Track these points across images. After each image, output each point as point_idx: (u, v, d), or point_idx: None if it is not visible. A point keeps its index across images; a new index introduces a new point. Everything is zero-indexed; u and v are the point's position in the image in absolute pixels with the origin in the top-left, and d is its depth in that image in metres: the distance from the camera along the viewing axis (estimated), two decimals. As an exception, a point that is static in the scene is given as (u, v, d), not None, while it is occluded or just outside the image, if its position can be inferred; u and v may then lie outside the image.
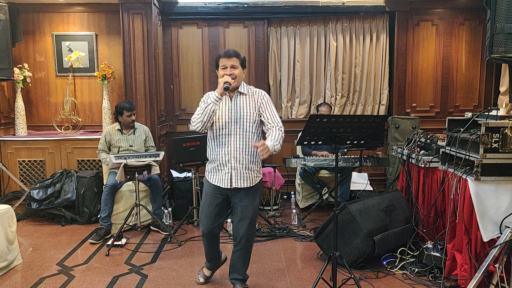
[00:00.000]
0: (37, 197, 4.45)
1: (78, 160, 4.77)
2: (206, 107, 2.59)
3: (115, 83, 5.11)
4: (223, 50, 2.74)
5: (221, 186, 2.71)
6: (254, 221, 2.79)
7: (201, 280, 3.09)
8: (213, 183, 2.74)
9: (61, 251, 3.73)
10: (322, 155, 4.47)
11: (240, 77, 2.69)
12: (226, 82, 2.57)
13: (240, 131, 2.66)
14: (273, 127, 2.67)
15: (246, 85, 2.79)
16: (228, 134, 2.67)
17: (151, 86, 4.66)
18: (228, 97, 2.71)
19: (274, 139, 2.58)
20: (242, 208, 2.73)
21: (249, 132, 2.67)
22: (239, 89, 2.72)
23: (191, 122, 2.68)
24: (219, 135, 2.69)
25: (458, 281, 2.87)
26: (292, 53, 5.35)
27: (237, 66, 2.68)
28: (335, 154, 2.73)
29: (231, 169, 2.67)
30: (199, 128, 2.63)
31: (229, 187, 2.69)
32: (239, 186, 2.69)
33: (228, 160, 2.67)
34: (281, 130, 2.66)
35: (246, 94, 2.73)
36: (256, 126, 2.70)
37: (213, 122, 2.68)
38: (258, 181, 2.78)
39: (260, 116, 2.72)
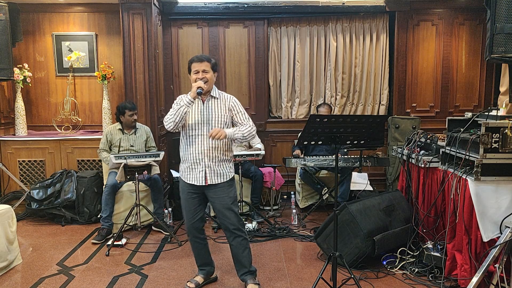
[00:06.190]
0: (37, 197, 4.45)
1: (78, 160, 4.78)
2: (179, 109, 2.72)
3: (115, 83, 5.11)
4: (195, 55, 2.87)
5: (196, 184, 2.82)
6: (235, 209, 2.87)
7: (191, 286, 2.97)
8: (188, 182, 2.85)
9: (61, 251, 3.74)
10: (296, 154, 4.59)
11: (211, 81, 2.83)
12: (199, 87, 2.71)
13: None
14: (245, 125, 2.86)
15: (218, 90, 2.93)
16: (200, 134, 2.80)
17: (151, 86, 4.66)
18: (201, 100, 2.85)
19: (239, 129, 2.81)
20: (220, 200, 2.84)
21: None
22: (211, 93, 2.86)
23: (164, 122, 2.81)
24: (191, 135, 2.82)
25: (458, 281, 2.87)
26: (292, 53, 5.34)
27: (208, 70, 2.81)
28: (335, 154, 2.74)
29: (205, 167, 2.80)
30: (171, 127, 2.76)
31: (204, 184, 2.80)
32: (214, 182, 2.82)
33: (202, 159, 2.80)
34: (252, 127, 2.86)
35: (217, 98, 2.88)
36: (226, 128, 2.83)
37: (185, 123, 2.82)
38: (231, 176, 2.90)
39: (233, 119, 2.89)
